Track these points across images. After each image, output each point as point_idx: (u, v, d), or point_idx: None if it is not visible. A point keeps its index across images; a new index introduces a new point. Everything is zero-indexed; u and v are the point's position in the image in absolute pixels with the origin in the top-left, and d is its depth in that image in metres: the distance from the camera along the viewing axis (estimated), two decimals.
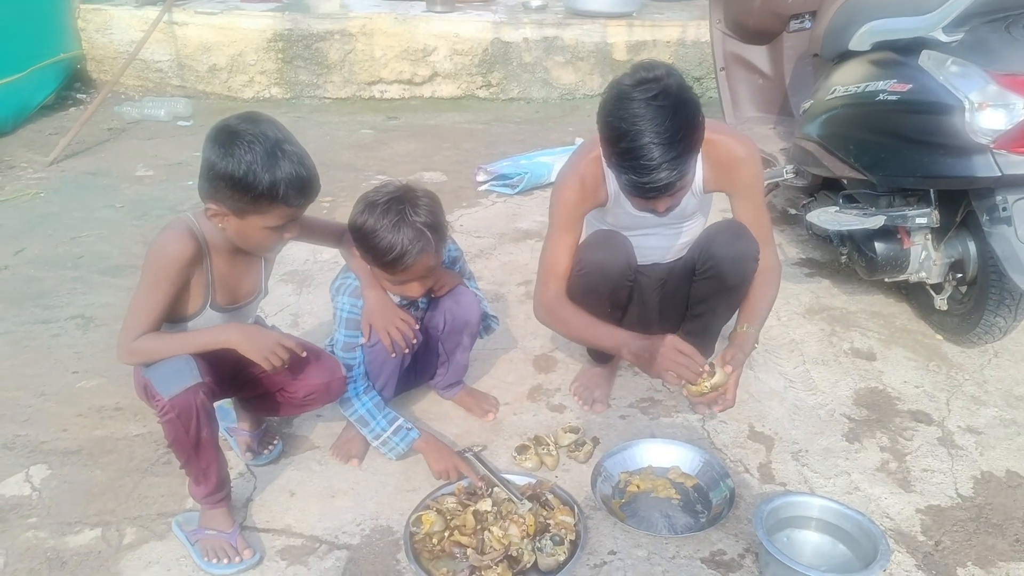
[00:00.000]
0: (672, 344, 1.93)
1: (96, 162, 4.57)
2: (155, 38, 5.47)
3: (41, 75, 5.23)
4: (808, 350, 2.71)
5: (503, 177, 4.22)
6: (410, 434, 2.06)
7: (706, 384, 1.92)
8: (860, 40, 2.70)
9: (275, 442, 2.17)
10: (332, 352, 2.10)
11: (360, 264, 2.03)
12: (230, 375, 1.91)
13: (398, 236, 1.87)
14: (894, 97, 2.46)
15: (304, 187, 1.72)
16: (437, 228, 1.93)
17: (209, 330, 1.79)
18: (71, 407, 2.34)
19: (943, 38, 2.33)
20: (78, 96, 5.67)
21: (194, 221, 1.78)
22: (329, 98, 5.94)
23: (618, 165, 1.82)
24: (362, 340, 2.05)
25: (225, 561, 1.78)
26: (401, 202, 1.90)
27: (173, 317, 1.79)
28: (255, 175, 1.64)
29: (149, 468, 2.10)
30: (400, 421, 2.07)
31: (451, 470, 2.04)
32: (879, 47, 2.64)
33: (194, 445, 1.75)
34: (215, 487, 1.83)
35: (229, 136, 1.65)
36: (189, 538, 1.84)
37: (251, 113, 1.73)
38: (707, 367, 1.93)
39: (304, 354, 1.87)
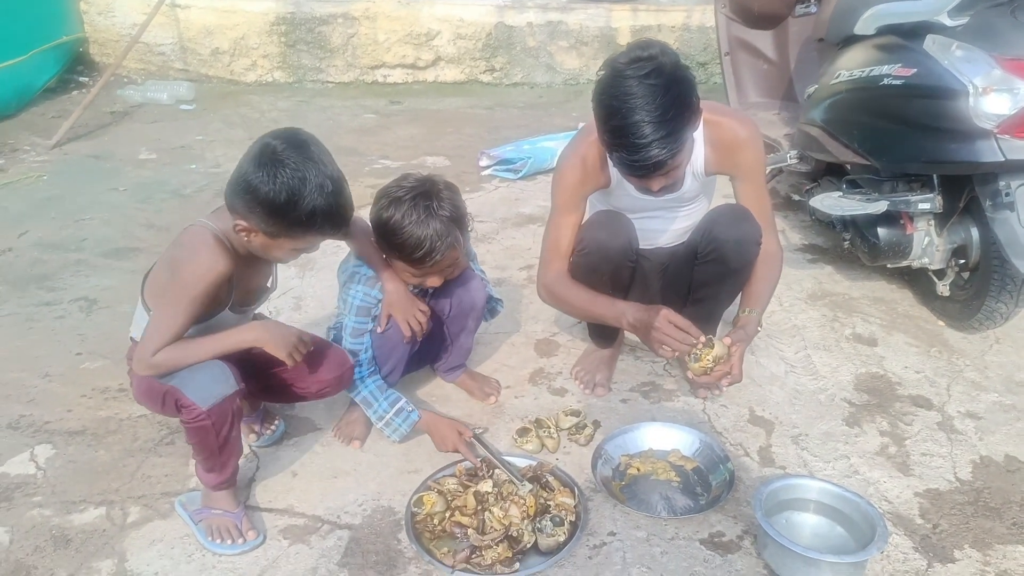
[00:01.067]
0: (667, 316, 1.94)
1: (99, 145, 4.57)
2: (158, 21, 5.45)
3: (43, 58, 5.22)
4: (810, 335, 2.71)
5: (506, 162, 4.21)
6: (411, 415, 2.07)
7: (708, 358, 1.92)
8: (865, 24, 2.69)
9: (276, 422, 2.19)
10: (337, 336, 2.11)
11: (371, 252, 2.04)
12: (248, 371, 1.90)
13: (427, 232, 1.88)
14: (898, 82, 2.45)
15: (341, 218, 1.73)
16: (461, 220, 1.96)
17: (231, 333, 1.77)
18: (75, 388, 2.36)
19: (948, 22, 2.32)
20: (81, 79, 5.67)
21: (219, 230, 1.74)
22: (332, 82, 5.93)
23: (610, 143, 1.83)
24: (372, 327, 2.07)
25: (229, 541, 1.80)
26: (426, 197, 1.91)
27: None
28: (295, 205, 1.62)
29: (153, 448, 2.11)
30: (402, 403, 2.08)
31: (458, 443, 2.05)
32: (884, 31, 2.63)
33: (221, 445, 1.78)
34: (230, 476, 1.85)
35: (272, 160, 1.62)
36: (193, 518, 1.85)
37: (292, 133, 1.70)
38: (702, 339, 1.93)
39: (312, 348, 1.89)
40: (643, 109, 1.72)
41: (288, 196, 1.62)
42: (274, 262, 1.91)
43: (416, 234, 1.89)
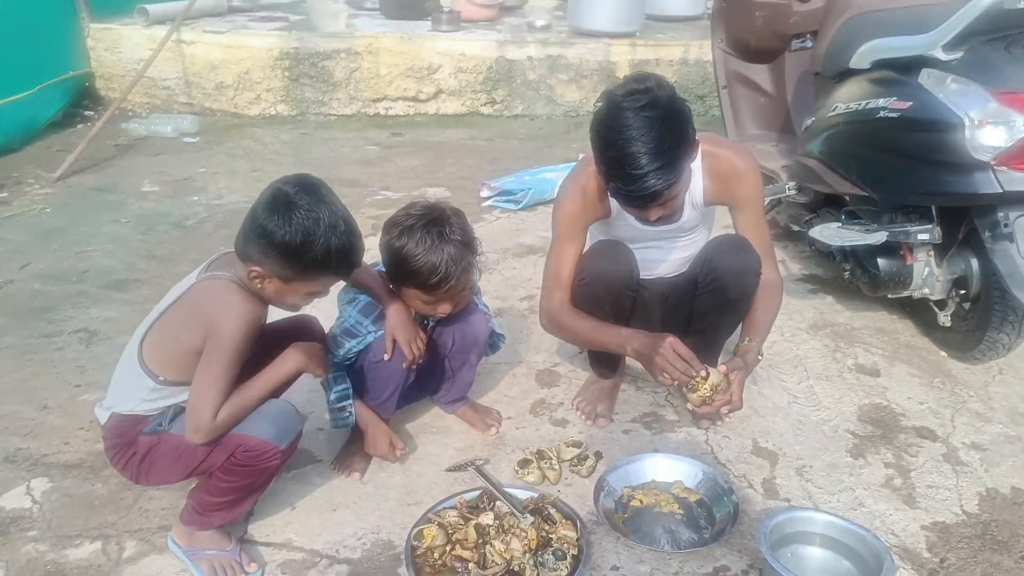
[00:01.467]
0: (671, 345, 1.93)
1: (103, 178, 4.60)
2: (163, 56, 5.53)
3: (50, 92, 5.29)
4: (812, 365, 2.70)
5: (507, 193, 4.24)
6: (348, 420, 2.09)
7: (705, 387, 1.92)
8: (861, 58, 2.72)
9: None
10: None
11: (370, 282, 2.05)
12: None
13: (441, 257, 1.90)
14: (895, 114, 2.47)
15: (354, 256, 1.77)
16: (472, 244, 1.99)
17: (273, 368, 1.78)
18: (73, 420, 2.34)
19: (943, 56, 2.35)
20: (86, 113, 5.73)
21: (236, 279, 1.75)
22: (334, 115, 5.99)
23: (606, 173, 1.85)
24: (354, 347, 2.08)
25: None
26: (437, 223, 1.94)
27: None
28: (311, 246, 1.66)
29: None
30: (348, 404, 2.09)
31: (386, 453, 2.11)
32: (879, 65, 2.66)
33: (263, 484, 1.80)
34: (239, 516, 1.84)
35: (285, 203, 1.66)
36: (188, 556, 1.82)
37: (302, 177, 1.74)
38: (703, 372, 1.92)
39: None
40: (639, 140, 1.75)
41: (304, 237, 1.65)
42: (287, 310, 1.90)
43: (431, 260, 1.90)
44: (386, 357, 2.04)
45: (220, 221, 3.99)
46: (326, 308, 2.12)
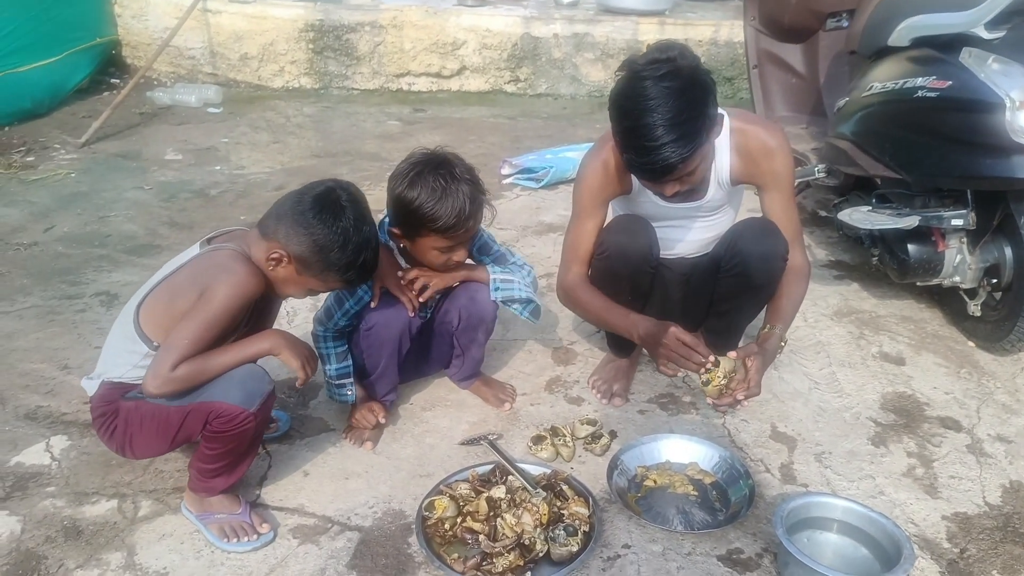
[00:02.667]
0: (675, 334, 1.90)
1: (127, 145, 4.63)
2: (188, 25, 5.52)
3: (77, 59, 5.31)
4: (835, 352, 2.65)
5: (528, 171, 4.19)
6: (348, 397, 2.13)
7: (718, 376, 1.88)
8: (899, 36, 2.64)
9: (274, 423, 2.16)
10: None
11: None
12: None
13: (457, 197, 1.91)
14: (933, 94, 2.40)
15: (370, 273, 1.89)
16: (479, 182, 2.01)
17: (246, 343, 1.75)
18: None
19: (985, 35, 2.27)
20: (112, 80, 5.75)
21: (248, 254, 1.77)
22: (357, 89, 5.96)
23: (622, 144, 1.82)
24: (356, 310, 2.08)
25: (245, 539, 1.78)
26: (443, 166, 1.95)
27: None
28: (341, 252, 1.75)
29: None
30: (348, 381, 2.11)
31: (367, 423, 2.11)
32: (919, 43, 2.58)
33: (249, 448, 1.78)
34: (239, 479, 1.83)
35: (337, 207, 1.75)
36: (200, 520, 1.83)
37: (356, 190, 1.84)
38: (711, 358, 1.88)
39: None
40: (656, 111, 1.70)
41: (341, 241, 1.74)
42: (281, 297, 1.92)
43: (448, 202, 1.90)
44: (372, 304, 2.03)
45: (241, 191, 4.00)
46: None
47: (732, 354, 1.93)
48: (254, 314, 1.83)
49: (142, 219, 3.60)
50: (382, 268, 2.01)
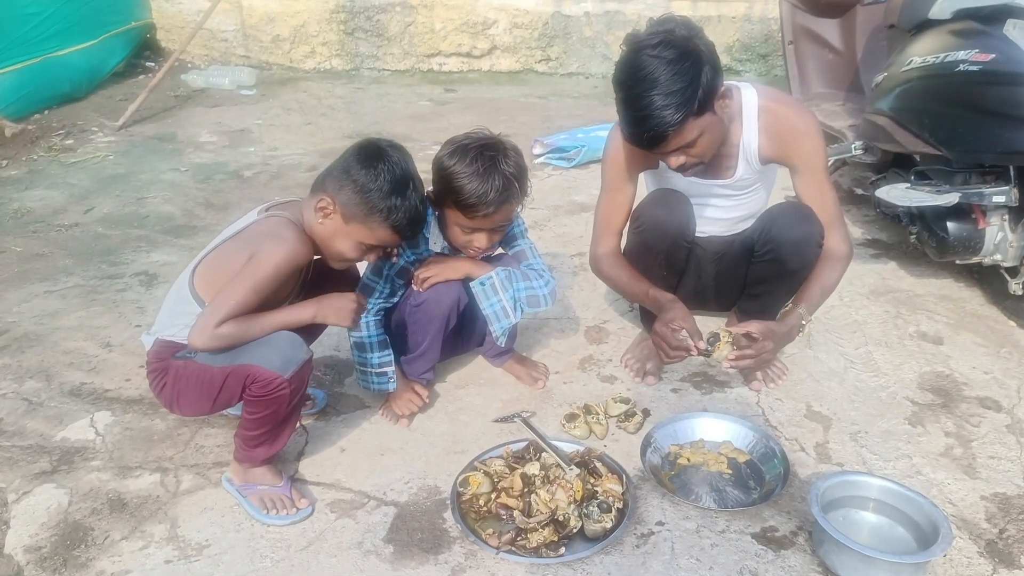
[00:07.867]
0: (664, 321, 1.95)
1: (162, 127, 4.70)
2: (221, 8, 5.57)
3: (113, 43, 5.40)
4: (871, 331, 2.61)
5: (559, 150, 4.18)
6: (388, 385, 2.13)
7: (722, 347, 1.93)
8: (941, 8, 2.57)
9: (310, 400, 2.20)
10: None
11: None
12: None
13: (488, 181, 1.90)
14: (975, 68, 2.34)
15: (417, 223, 1.88)
16: (522, 179, 1.98)
17: (290, 310, 1.81)
18: (134, 358, 2.42)
19: None
20: (147, 64, 5.83)
21: (298, 223, 1.82)
22: (388, 70, 5.97)
23: (620, 115, 1.84)
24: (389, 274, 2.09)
25: (284, 512, 1.82)
26: (492, 149, 1.94)
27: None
28: (387, 193, 1.77)
29: (206, 419, 2.15)
30: (389, 369, 2.11)
31: (407, 409, 2.13)
32: (961, 16, 2.51)
33: (287, 416, 1.81)
34: (280, 449, 1.87)
35: (378, 152, 1.80)
36: (241, 492, 1.87)
37: (397, 144, 1.88)
38: (702, 346, 1.93)
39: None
40: (645, 80, 1.72)
41: (381, 180, 1.76)
42: (335, 263, 1.93)
43: (476, 182, 1.90)
44: (418, 288, 2.04)
45: (274, 172, 4.04)
46: None
47: (733, 329, 1.97)
48: (310, 289, 1.88)
49: (179, 200, 3.66)
50: (430, 259, 2.04)
